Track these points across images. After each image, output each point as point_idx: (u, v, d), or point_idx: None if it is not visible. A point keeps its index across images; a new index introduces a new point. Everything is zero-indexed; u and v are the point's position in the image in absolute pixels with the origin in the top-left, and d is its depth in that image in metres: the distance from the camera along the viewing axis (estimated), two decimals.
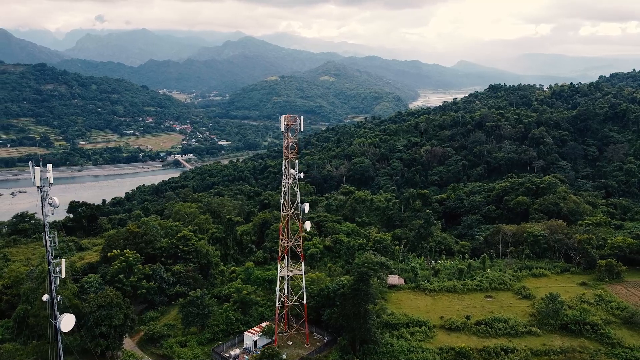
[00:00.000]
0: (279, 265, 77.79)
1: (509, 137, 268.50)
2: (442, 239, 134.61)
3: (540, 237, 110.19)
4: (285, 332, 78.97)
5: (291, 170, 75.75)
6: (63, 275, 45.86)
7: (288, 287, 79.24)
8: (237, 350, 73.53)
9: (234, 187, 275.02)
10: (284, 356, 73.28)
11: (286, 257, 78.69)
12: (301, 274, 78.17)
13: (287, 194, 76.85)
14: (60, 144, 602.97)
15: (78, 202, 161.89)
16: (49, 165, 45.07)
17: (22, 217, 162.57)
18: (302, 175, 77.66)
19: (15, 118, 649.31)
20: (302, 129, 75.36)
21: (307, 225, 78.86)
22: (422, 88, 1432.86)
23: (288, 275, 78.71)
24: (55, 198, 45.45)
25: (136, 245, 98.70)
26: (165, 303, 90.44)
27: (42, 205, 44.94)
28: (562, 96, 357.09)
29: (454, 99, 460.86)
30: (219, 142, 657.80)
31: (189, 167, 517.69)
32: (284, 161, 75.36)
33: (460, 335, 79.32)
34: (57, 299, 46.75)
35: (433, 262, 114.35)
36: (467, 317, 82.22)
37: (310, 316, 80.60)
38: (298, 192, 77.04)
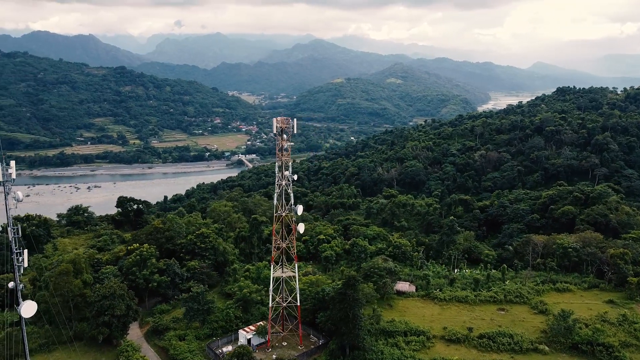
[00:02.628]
0: (272, 266, 78.59)
1: (570, 142, 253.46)
2: (474, 247, 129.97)
3: (570, 250, 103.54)
4: (280, 333, 79.67)
5: (285, 172, 76.31)
6: (26, 265, 48.83)
7: (283, 288, 79.90)
8: (230, 347, 75.11)
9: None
10: (274, 356, 74.10)
11: (282, 257, 79.31)
12: (296, 276, 78.46)
13: (281, 195, 77.43)
14: (134, 143, 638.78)
15: (126, 197, 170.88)
16: (12, 162, 48.35)
17: (77, 210, 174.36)
18: (295, 177, 78.14)
19: (96, 117, 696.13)
20: (295, 132, 75.60)
21: (301, 227, 78.96)
22: (493, 91, 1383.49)
23: (283, 277, 79.25)
24: (19, 193, 48.76)
25: (157, 240, 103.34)
26: (178, 297, 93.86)
27: (6, 199, 48.22)
28: (637, 99, 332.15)
29: (519, 102, 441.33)
30: None
31: (250, 166, 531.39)
32: (277, 163, 76.12)
33: (459, 348, 76.47)
34: (20, 287, 49.92)
35: (457, 270, 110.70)
36: (470, 330, 79.02)
37: (307, 318, 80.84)
38: (292, 194, 77.50)
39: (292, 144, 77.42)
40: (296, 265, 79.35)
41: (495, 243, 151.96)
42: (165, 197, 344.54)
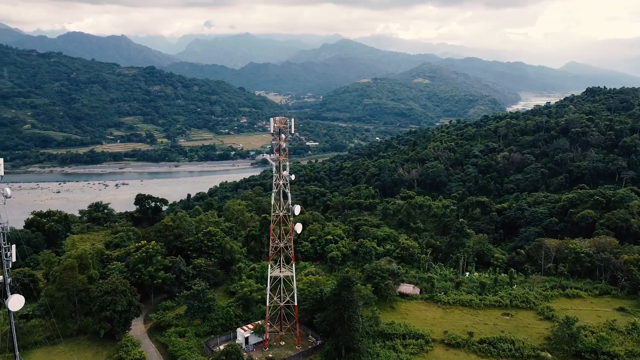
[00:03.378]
0: (269, 266, 78.77)
1: (597, 144, 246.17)
2: (487, 250, 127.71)
3: (582, 255, 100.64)
4: (277, 332, 79.82)
5: (283, 172, 76.42)
6: (14, 259, 50.02)
7: (281, 288, 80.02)
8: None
9: (303, 187, 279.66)
10: (270, 355, 74.34)
11: (280, 257, 79.42)
12: (294, 276, 78.47)
13: (279, 195, 77.57)
14: (162, 141, 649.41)
15: (144, 195, 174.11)
16: (0, 160, 49.41)
17: (97, 207, 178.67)
18: (292, 177, 78.02)
19: (125, 116, 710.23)
20: (292, 132, 75.65)
21: (299, 227, 78.94)
22: (523, 91, 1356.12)
23: (281, 276, 79.36)
24: (8, 189, 49.81)
25: (165, 238, 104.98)
26: (179, 294, 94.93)
27: None
28: None
29: (547, 102, 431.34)
30: (307, 143, 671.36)
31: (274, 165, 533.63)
32: (275, 163, 76.28)
33: (458, 353, 75.26)
34: (8, 281, 51.16)
35: (467, 273, 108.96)
36: (470, 334, 77.64)
37: (306, 318, 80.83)
38: (289, 194, 77.58)
39: (289, 144, 77.18)
40: (294, 265, 79.39)
41: (512, 246, 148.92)
42: (189, 195, 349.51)
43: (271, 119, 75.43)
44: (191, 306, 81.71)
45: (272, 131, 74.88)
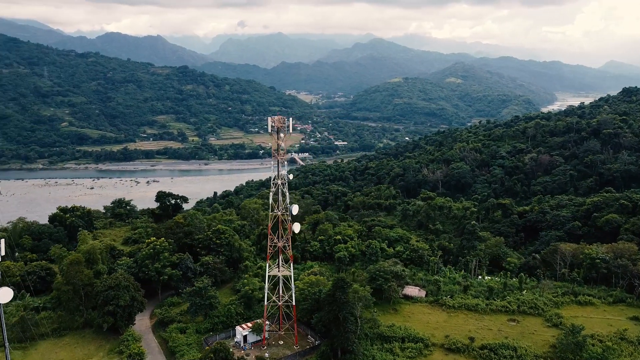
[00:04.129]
0: (267, 265, 78.89)
1: (630, 146, 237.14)
2: (503, 253, 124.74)
3: (598, 261, 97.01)
4: (275, 332, 79.91)
5: (281, 172, 76.43)
6: (3, 253, 51.36)
7: (280, 287, 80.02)
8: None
9: (325, 187, 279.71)
10: (267, 355, 74.50)
11: (279, 256, 79.46)
12: (292, 275, 78.40)
13: (277, 194, 77.60)
14: (193, 140, 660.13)
15: (164, 192, 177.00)
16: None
17: (120, 203, 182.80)
18: (291, 176, 78.00)
19: (158, 115, 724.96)
20: (290, 131, 75.53)
21: (296, 227, 78.77)
22: (560, 91, 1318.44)
23: (279, 275, 79.39)
24: None
25: (175, 235, 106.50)
26: (182, 291, 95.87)
27: None
28: None
29: (580, 103, 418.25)
30: (335, 142, 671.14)
31: (301, 164, 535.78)
32: (272, 162, 76.35)
33: (458, 358, 73.80)
34: None
35: (480, 277, 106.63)
36: (471, 339, 75.95)
37: (305, 318, 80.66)
38: (287, 193, 77.52)
39: (283, 144, 77.16)
40: (292, 264, 79.29)
41: (531, 250, 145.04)
42: (215, 193, 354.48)
43: (269, 118, 75.71)
44: (193, 303, 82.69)
45: (269, 130, 74.91)
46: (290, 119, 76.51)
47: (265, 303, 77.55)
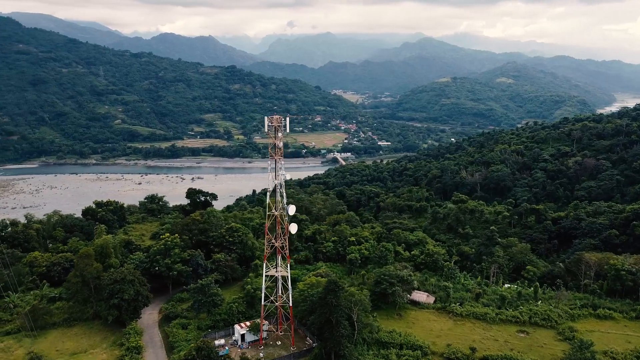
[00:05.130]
0: (264, 265, 78.64)
1: None
2: (528, 261, 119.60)
3: (623, 272, 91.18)
4: (272, 332, 79.61)
5: (279, 172, 76.01)
6: None
7: (278, 288, 79.61)
8: (222, 341, 76.77)
9: (360, 187, 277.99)
10: (261, 355, 74.39)
11: (277, 256, 79.07)
12: (288, 276, 77.82)
13: (276, 194, 77.23)
14: (238, 138, 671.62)
15: (194, 189, 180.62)
16: None
17: (152, 199, 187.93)
18: (289, 176, 77.33)
19: (206, 113, 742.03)
20: (287, 130, 74.93)
21: (293, 227, 78.02)
22: (620, 92, 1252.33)
23: (277, 276, 78.99)
24: None
25: (190, 232, 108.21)
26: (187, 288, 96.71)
27: None
28: None
29: (637, 104, 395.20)
30: (379, 143, 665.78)
31: (343, 164, 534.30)
32: (269, 161, 76.06)
33: None
34: None
35: (495, 285, 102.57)
36: (473, 350, 73.05)
37: (305, 320, 79.91)
38: (284, 193, 77.01)
39: (281, 143, 76.67)
40: (288, 265, 78.77)
41: (563, 259, 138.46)
42: (254, 191, 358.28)
43: (266, 118, 75.34)
44: (196, 299, 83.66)
45: (266, 130, 74.70)
46: (287, 118, 75.85)
47: (263, 303, 77.50)
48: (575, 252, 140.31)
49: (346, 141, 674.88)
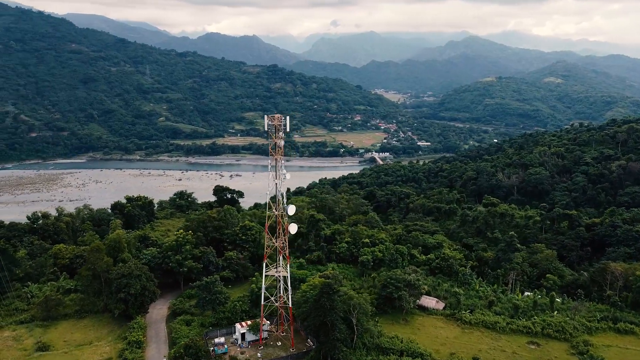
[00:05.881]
0: (263, 265, 78.06)
1: None
2: (554, 268, 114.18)
3: None
4: (273, 332, 79.02)
5: (280, 171, 75.26)
6: None
7: (279, 288, 78.90)
8: (222, 339, 76.79)
9: (391, 188, 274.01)
10: (259, 355, 73.94)
11: (280, 256, 78.38)
12: (288, 277, 76.96)
13: (276, 194, 76.51)
14: None
15: (222, 187, 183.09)
16: None
17: (181, 195, 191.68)
18: (289, 176, 76.51)
19: (247, 112, 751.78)
20: (288, 130, 74.03)
21: (293, 227, 77.04)
22: None
23: (277, 276, 78.28)
24: None
25: (205, 229, 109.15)
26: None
27: None
28: None
29: None
30: (418, 143, 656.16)
31: (381, 164, 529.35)
32: (270, 161, 75.38)
33: None
34: None
35: (517, 293, 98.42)
36: None
37: (306, 321, 78.84)
38: (284, 193, 76.19)
39: (283, 142, 75.90)
40: (288, 265, 77.94)
41: (588, 267, 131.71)
42: (288, 189, 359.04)
43: (265, 117, 74.91)
44: (201, 297, 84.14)
45: (266, 129, 74.17)
46: (287, 117, 75.01)
47: (262, 303, 77.08)
48: (610, 260, 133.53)
49: (385, 141, 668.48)
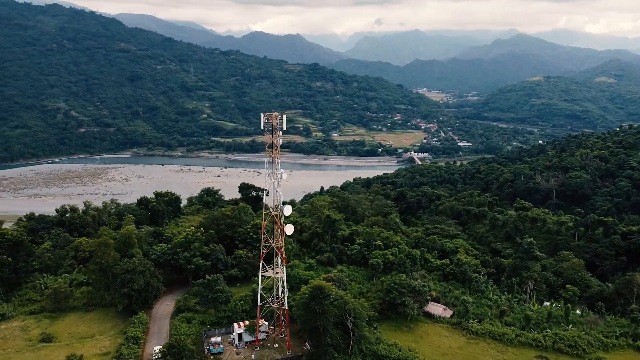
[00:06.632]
0: (260, 265, 76.87)
1: None
2: (580, 279, 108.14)
3: None
4: (270, 334, 77.82)
5: (275, 170, 73.88)
6: None
7: (275, 289, 77.60)
8: (219, 338, 76.19)
9: (422, 189, 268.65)
10: (253, 356, 72.97)
11: (279, 257, 77.07)
12: (284, 278, 75.56)
13: (272, 194, 75.20)
14: (317, 135, 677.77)
15: (247, 184, 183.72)
16: None
17: (208, 192, 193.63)
18: (285, 175, 74.99)
19: (287, 110, 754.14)
20: (284, 128, 72.54)
21: (289, 228, 75.41)
22: None
23: (273, 277, 76.97)
24: None
25: (218, 226, 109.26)
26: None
27: None
28: None
29: None
30: (459, 143, 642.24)
31: (419, 164, 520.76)
32: (266, 160, 74.11)
33: None
34: None
35: (533, 303, 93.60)
36: None
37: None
38: (280, 193, 74.64)
39: (282, 141, 74.48)
40: (284, 266, 76.49)
41: (614, 279, 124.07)
42: (322, 188, 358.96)
43: (261, 114, 73.58)
44: (202, 295, 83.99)
45: (262, 127, 72.92)
46: (284, 115, 73.57)
47: (259, 304, 76.03)
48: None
49: (425, 141, 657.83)
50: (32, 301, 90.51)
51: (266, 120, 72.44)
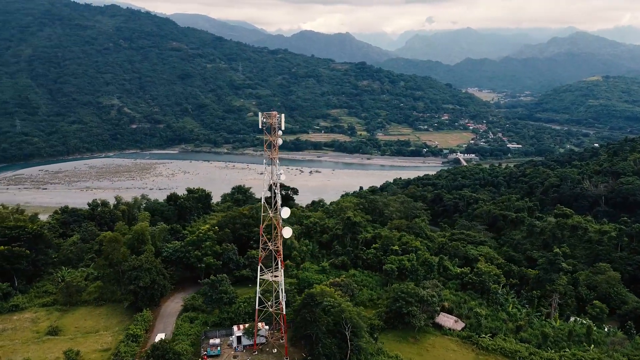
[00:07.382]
0: (259, 269, 74.92)
1: None
2: (615, 293, 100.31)
3: None
4: (268, 339, 75.89)
5: (274, 171, 71.74)
6: None
7: (274, 293, 75.46)
8: (217, 340, 75.01)
9: (460, 192, 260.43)
10: None
11: (279, 260, 74.97)
12: (282, 281, 73.29)
13: (271, 195, 73.10)
14: (361, 134, 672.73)
15: (274, 183, 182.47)
16: None
17: (239, 189, 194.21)
18: (284, 176, 72.63)
19: (332, 109, 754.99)
20: (283, 128, 70.27)
21: (287, 231, 72.95)
22: None
23: (271, 280, 74.86)
24: None
25: (234, 225, 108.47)
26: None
27: None
28: None
29: None
30: (508, 145, 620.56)
31: (464, 165, 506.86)
32: (265, 160, 72.08)
33: None
34: None
35: (554, 318, 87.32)
36: None
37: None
38: (278, 195, 72.42)
39: (281, 141, 72.25)
40: (282, 270, 74.21)
41: None
42: (361, 188, 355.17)
43: (260, 113, 71.66)
44: (207, 295, 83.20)
45: (260, 126, 70.96)
46: (282, 115, 71.32)
47: (257, 307, 74.25)
48: None
49: (472, 142, 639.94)
50: (47, 293, 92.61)
51: (265, 120, 70.48)
